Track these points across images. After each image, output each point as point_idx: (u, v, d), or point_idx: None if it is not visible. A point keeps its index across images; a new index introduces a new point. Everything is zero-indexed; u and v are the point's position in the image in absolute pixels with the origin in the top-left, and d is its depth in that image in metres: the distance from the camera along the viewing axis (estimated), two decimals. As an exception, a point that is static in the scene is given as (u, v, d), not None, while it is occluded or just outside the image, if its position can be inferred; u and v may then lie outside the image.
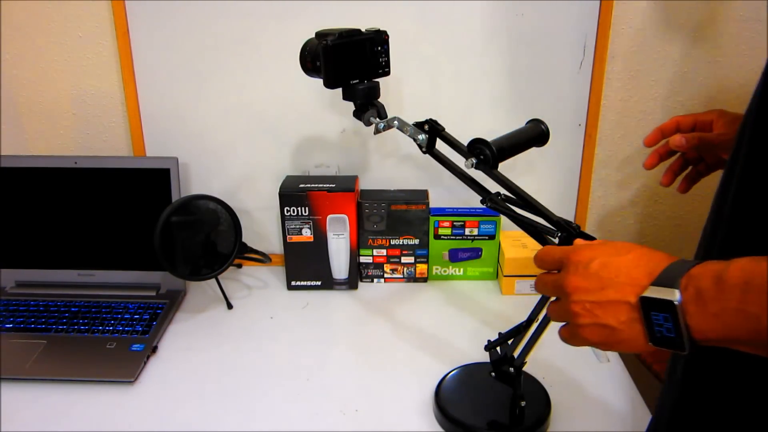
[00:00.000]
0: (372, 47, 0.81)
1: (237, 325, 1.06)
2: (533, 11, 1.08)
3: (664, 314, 0.49)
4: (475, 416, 0.82)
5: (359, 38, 0.80)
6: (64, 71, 1.16)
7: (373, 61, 0.82)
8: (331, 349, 1.00)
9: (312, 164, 1.20)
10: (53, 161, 1.11)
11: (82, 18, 1.12)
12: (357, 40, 0.80)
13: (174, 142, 1.18)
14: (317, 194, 1.10)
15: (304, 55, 0.81)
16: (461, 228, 1.15)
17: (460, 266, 1.19)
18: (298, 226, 1.12)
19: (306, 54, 0.81)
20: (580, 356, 0.97)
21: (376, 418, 0.85)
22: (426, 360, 0.96)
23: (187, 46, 1.12)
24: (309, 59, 0.80)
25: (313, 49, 0.80)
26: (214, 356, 0.98)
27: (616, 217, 1.24)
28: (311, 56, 0.80)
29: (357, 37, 0.80)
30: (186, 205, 1.04)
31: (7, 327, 1.02)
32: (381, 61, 0.82)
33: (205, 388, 0.91)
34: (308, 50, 0.81)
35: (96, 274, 1.13)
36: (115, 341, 0.99)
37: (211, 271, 1.06)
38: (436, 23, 1.09)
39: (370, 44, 0.81)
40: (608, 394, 0.89)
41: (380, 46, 0.82)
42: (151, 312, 1.06)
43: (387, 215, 1.14)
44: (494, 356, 0.83)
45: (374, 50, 0.81)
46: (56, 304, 1.08)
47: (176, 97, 1.16)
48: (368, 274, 1.19)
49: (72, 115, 1.20)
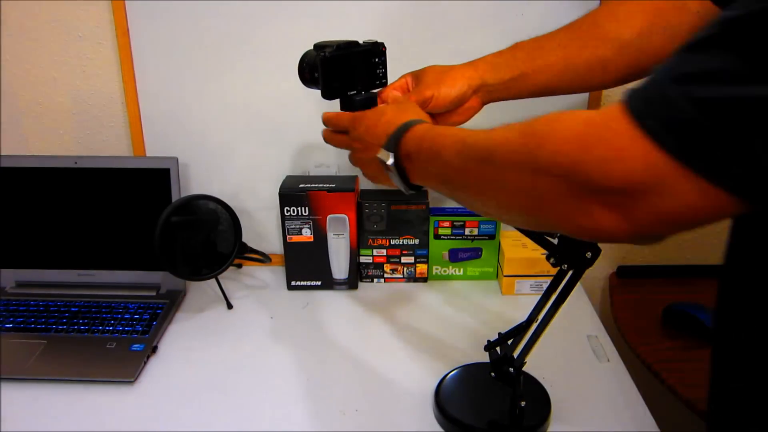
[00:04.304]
0: (369, 59, 0.82)
1: (237, 325, 1.06)
2: (533, 11, 1.08)
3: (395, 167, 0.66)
4: (475, 416, 0.82)
5: (357, 50, 0.81)
6: (64, 71, 1.16)
7: (370, 72, 0.83)
8: (331, 349, 0.99)
9: (312, 164, 1.20)
10: (53, 161, 1.11)
11: (82, 18, 1.12)
12: (355, 52, 0.81)
13: (174, 142, 1.18)
14: (317, 194, 1.10)
15: (302, 67, 0.82)
16: (461, 228, 1.15)
17: (460, 266, 1.19)
18: (298, 226, 1.12)
19: (304, 65, 0.82)
20: (580, 356, 0.97)
21: (376, 418, 0.85)
22: (426, 360, 0.96)
23: (187, 46, 1.12)
24: (307, 70, 0.81)
25: (311, 60, 0.81)
26: (214, 356, 0.98)
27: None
28: (309, 67, 0.81)
29: (355, 48, 0.81)
30: (186, 205, 1.04)
31: (7, 327, 1.02)
32: (378, 73, 0.84)
33: (205, 388, 0.91)
34: (306, 62, 0.81)
35: (96, 274, 1.13)
36: (115, 341, 0.99)
37: (211, 271, 1.06)
38: (435, 24, 1.09)
39: (367, 56, 0.82)
40: (608, 394, 0.89)
41: (378, 57, 0.83)
42: (151, 312, 1.06)
43: (387, 215, 1.14)
44: (494, 356, 0.83)
45: (372, 62, 0.83)
46: (56, 304, 1.08)
47: (176, 97, 1.16)
48: (368, 274, 1.19)
49: (72, 115, 1.20)
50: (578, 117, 0.45)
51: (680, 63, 0.41)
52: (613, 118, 0.42)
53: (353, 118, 0.76)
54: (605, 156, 0.42)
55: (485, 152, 0.53)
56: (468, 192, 0.57)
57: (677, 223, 0.42)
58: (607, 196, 0.42)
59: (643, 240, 0.45)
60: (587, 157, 0.43)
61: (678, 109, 0.39)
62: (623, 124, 0.41)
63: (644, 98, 0.41)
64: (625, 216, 0.43)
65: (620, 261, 1.26)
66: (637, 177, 0.41)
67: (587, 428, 0.83)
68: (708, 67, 0.38)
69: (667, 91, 0.40)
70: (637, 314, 1.13)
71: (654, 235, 0.44)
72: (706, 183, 0.39)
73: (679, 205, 0.40)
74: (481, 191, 0.55)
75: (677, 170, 0.39)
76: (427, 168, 0.62)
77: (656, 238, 0.45)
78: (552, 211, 0.47)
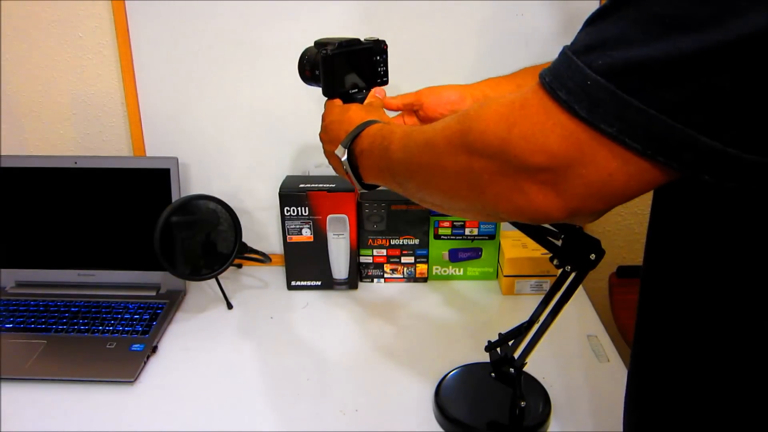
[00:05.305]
0: (371, 57, 0.82)
1: (237, 325, 1.06)
2: (533, 11, 1.08)
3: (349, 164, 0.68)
4: (475, 416, 0.82)
5: (358, 48, 0.81)
6: (64, 71, 1.16)
7: (372, 70, 0.83)
8: (331, 349, 0.99)
9: (312, 164, 1.20)
10: (53, 161, 1.10)
11: (82, 18, 1.12)
12: (356, 50, 0.81)
13: (174, 142, 1.18)
14: (317, 194, 1.10)
15: (302, 63, 0.82)
16: (461, 228, 1.15)
17: (460, 266, 1.19)
18: (298, 226, 1.12)
19: (305, 63, 0.81)
20: (580, 356, 0.97)
21: (376, 418, 0.85)
22: (426, 360, 0.96)
23: (187, 46, 1.12)
24: (308, 68, 0.81)
25: (312, 58, 0.80)
26: (214, 356, 0.98)
27: (615, 216, 1.24)
28: (310, 65, 0.81)
29: (356, 46, 0.81)
30: (186, 205, 1.04)
31: (7, 327, 1.02)
32: (380, 71, 0.83)
33: (205, 388, 0.91)
34: (307, 59, 0.81)
35: (96, 274, 1.13)
36: (115, 341, 0.99)
37: (211, 271, 1.06)
38: (435, 24, 1.09)
39: (369, 54, 0.82)
40: (608, 394, 0.89)
41: (379, 55, 0.83)
42: (151, 312, 1.06)
43: (387, 215, 1.14)
44: (494, 357, 0.83)
45: (373, 60, 0.82)
46: (56, 304, 1.08)
47: (176, 97, 1.16)
48: (368, 274, 1.19)
49: (72, 115, 1.20)
50: (503, 99, 0.47)
51: (583, 36, 0.42)
52: (531, 95, 0.44)
53: (326, 108, 0.79)
54: (527, 132, 0.43)
55: (426, 140, 0.54)
56: (415, 183, 0.58)
57: (607, 194, 0.43)
58: (537, 173, 0.44)
59: (581, 217, 0.47)
60: (511, 135, 0.44)
61: (583, 76, 0.40)
62: (539, 100, 0.43)
63: (554, 72, 0.43)
64: (557, 192, 0.44)
65: (620, 261, 1.26)
66: (559, 149, 0.42)
67: (587, 428, 0.83)
68: (605, 35, 0.40)
69: (572, 62, 0.41)
70: (637, 314, 1.13)
71: (589, 210, 0.45)
72: (619, 147, 0.40)
73: (603, 174, 0.41)
74: (426, 180, 0.56)
75: (593, 137, 0.41)
76: (377, 164, 0.64)
77: (593, 214, 0.46)
78: (490, 193, 0.48)
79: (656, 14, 0.38)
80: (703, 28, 0.36)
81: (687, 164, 0.39)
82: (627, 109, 0.39)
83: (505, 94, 0.48)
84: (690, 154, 0.38)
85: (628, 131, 0.39)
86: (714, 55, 0.36)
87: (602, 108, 0.40)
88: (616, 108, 0.39)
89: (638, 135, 0.39)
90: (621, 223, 1.24)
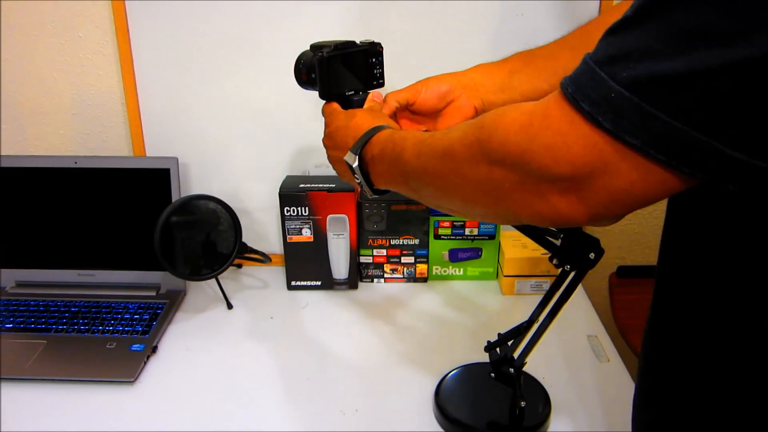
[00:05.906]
0: (367, 59, 0.82)
1: (237, 325, 1.06)
2: (533, 11, 1.08)
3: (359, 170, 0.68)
4: (475, 416, 0.82)
5: (354, 50, 0.81)
6: (64, 71, 1.16)
7: (368, 72, 0.83)
8: (331, 349, 0.99)
9: (312, 164, 1.20)
10: (53, 161, 1.10)
11: (82, 18, 1.12)
12: (352, 52, 0.81)
13: (174, 142, 1.18)
14: (317, 194, 1.10)
15: (299, 68, 0.82)
16: (461, 228, 1.15)
17: (460, 266, 1.19)
18: (298, 226, 1.12)
19: (301, 67, 0.82)
20: (580, 356, 0.97)
21: (376, 418, 0.85)
22: (426, 360, 0.96)
23: (187, 46, 1.12)
24: (304, 71, 0.81)
25: (308, 61, 0.81)
26: (214, 356, 0.98)
27: (616, 217, 1.24)
28: (306, 68, 0.81)
29: (352, 48, 0.81)
30: (186, 205, 1.04)
31: (7, 327, 1.02)
32: (376, 73, 0.83)
33: (205, 388, 0.91)
34: (303, 63, 0.81)
35: (96, 274, 1.13)
36: (115, 341, 0.99)
37: (211, 271, 1.06)
38: (434, 24, 1.09)
39: (364, 56, 0.82)
40: (608, 394, 0.89)
41: (375, 57, 0.83)
42: (151, 312, 1.06)
43: (387, 215, 1.14)
44: (494, 357, 0.83)
45: (369, 62, 0.82)
46: (56, 304, 1.08)
47: (176, 97, 1.16)
48: (368, 274, 1.19)
49: (72, 115, 1.20)
50: (522, 108, 0.47)
51: (605, 46, 0.42)
52: (553, 105, 0.44)
53: (328, 113, 0.79)
54: (549, 143, 0.44)
55: (444, 149, 0.55)
56: (431, 190, 0.59)
57: (629, 201, 0.44)
58: (559, 181, 0.44)
59: (601, 221, 0.47)
60: (533, 146, 0.45)
61: (607, 88, 0.40)
62: (562, 110, 0.43)
63: (577, 83, 0.43)
64: (580, 199, 0.44)
65: (620, 261, 1.26)
66: (582, 159, 0.42)
67: (587, 428, 0.83)
68: (628, 47, 0.40)
69: (596, 74, 0.41)
70: (637, 314, 1.13)
71: (610, 214, 0.46)
72: (643, 158, 0.40)
73: (626, 183, 0.42)
74: (444, 188, 0.56)
75: (616, 149, 0.41)
76: (390, 170, 0.64)
77: (613, 218, 0.47)
78: (511, 200, 0.48)
79: (681, 27, 0.38)
80: (728, 42, 0.36)
81: (712, 174, 0.39)
82: (652, 122, 0.39)
83: (521, 102, 0.48)
84: (715, 164, 0.39)
85: (653, 143, 0.39)
86: (739, 69, 0.36)
87: (626, 120, 0.40)
88: (640, 120, 0.39)
89: (663, 147, 0.39)
90: (621, 223, 1.24)
